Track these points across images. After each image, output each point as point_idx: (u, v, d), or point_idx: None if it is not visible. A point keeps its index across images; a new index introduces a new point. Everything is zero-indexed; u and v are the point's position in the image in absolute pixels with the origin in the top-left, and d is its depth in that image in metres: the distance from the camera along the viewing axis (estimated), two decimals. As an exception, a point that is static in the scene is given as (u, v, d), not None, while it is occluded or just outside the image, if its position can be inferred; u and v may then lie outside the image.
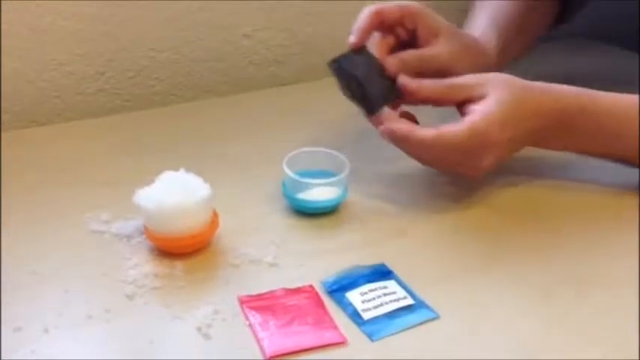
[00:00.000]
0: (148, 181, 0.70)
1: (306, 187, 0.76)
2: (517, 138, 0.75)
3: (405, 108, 0.80)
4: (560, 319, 0.65)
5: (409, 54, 0.80)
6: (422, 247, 0.73)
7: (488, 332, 0.63)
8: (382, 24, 0.80)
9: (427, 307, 0.65)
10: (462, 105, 0.75)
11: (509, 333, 0.63)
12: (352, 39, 0.79)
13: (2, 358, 0.59)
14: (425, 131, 0.73)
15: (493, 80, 0.76)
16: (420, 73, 0.79)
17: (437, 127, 0.73)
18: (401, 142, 0.74)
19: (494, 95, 0.74)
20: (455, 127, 0.72)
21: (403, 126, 0.74)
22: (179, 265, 0.69)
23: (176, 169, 0.72)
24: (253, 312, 0.64)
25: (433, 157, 0.75)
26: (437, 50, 0.80)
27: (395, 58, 0.79)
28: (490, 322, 0.64)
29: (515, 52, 0.92)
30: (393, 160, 0.85)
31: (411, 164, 0.78)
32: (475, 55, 0.84)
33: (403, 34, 0.81)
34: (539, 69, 0.97)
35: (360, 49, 0.79)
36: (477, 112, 0.73)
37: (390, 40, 0.81)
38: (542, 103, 0.75)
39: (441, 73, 0.79)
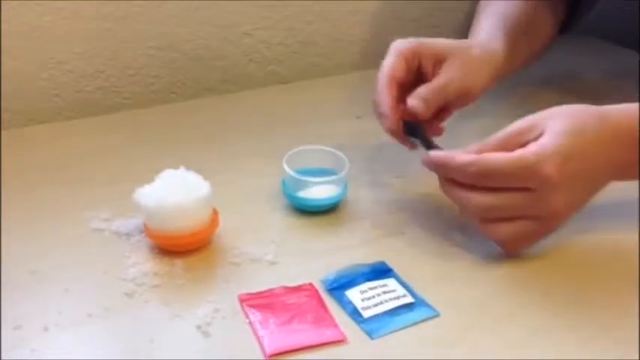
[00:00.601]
0: (148, 179, 0.70)
1: (306, 185, 0.76)
2: (590, 172, 0.65)
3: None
4: (560, 318, 0.65)
5: (426, 91, 0.75)
6: (422, 246, 0.73)
7: (488, 331, 0.63)
8: (400, 87, 0.77)
9: (427, 305, 0.65)
10: None
11: (509, 331, 0.63)
12: (388, 124, 0.75)
13: (2, 356, 0.59)
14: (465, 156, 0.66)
15: (552, 114, 0.67)
16: (443, 105, 0.77)
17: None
18: (440, 168, 0.68)
19: (551, 128, 0.64)
20: (499, 153, 0.65)
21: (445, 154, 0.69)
22: (179, 263, 0.69)
23: (176, 167, 0.72)
24: (253, 310, 0.64)
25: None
26: (448, 75, 0.76)
27: (416, 99, 0.74)
28: (490, 320, 0.64)
29: (524, 55, 0.88)
30: (393, 158, 0.85)
31: (411, 163, 0.78)
32: (487, 63, 0.80)
33: (410, 78, 0.77)
34: (539, 68, 0.97)
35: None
36: (530, 146, 0.64)
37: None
38: (618, 125, 0.66)
39: (462, 96, 0.77)
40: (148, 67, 1.00)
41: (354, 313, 0.64)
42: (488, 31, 0.84)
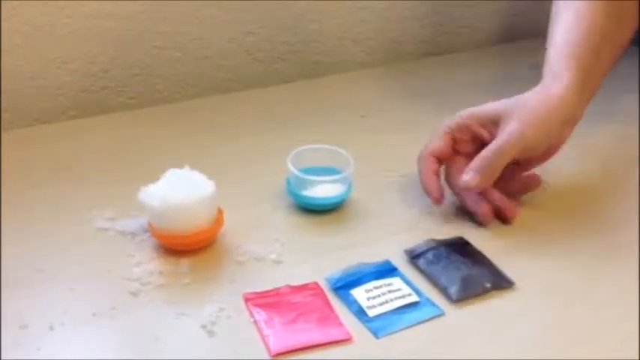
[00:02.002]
0: (153, 178, 0.70)
1: (310, 184, 0.76)
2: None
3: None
4: (562, 318, 0.65)
5: (477, 162, 0.72)
6: (427, 244, 0.73)
7: (493, 329, 0.63)
8: (441, 161, 0.76)
9: (432, 303, 0.65)
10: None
11: (513, 330, 0.63)
12: (433, 200, 0.75)
13: (8, 355, 0.59)
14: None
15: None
16: (512, 165, 0.74)
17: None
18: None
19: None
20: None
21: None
22: (184, 262, 0.69)
23: (181, 166, 0.72)
24: (258, 309, 0.64)
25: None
26: (509, 131, 0.72)
27: (467, 174, 0.72)
28: (495, 319, 0.64)
29: (603, 71, 0.79)
30: (398, 156, 0.85)
31: (415, 162, 0.78)
32: (553, 109, 0.73)
33: (468, 147, 0.76)
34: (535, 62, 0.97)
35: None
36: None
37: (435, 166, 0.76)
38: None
39: (529, 149, 0.73)
40: (153, 66, 1.00)
41: (360, 312, 0.64)
42: (552, 68, 0.76)
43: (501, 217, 0.75)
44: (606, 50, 0.77)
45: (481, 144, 0.75)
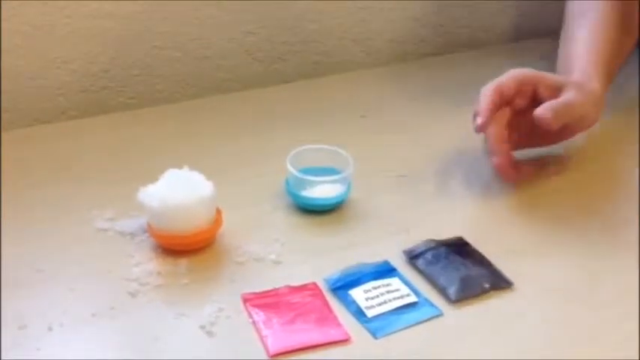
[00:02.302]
0: (152, 178, 0.71)
1: (309, 184, 0.76)
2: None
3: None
4: (561, 318, 0.65)
5: (555, 103, 0.77)
6: (426, 245, 0.73)
7: (492, 330, 0.63)
8: (502, 99, 0.79)
9: (431, 304, 0.65)
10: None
11: (512, 331, 0.63)
12: (479, 120, 0.77)
13: (8, 355, 0.59)
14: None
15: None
16: (562, 126, 0.78)
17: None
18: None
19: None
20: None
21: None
22: (183, 262, 0.69)
23: (180, 166, 0.72)
24: (257, 309, 0.64)
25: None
26: (572, 96, 0.79)
27: (545, 109, 0.76)
28: (493, 319, 0.64)
29: (612, 80, 0.89)
30: (397, 156, 0.85)
31: (414, 162, 0.78)
32: (591, 103, 0.82)
33: (521, 102, 0.80)
34: (536, 62, 0.96)
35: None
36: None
37: (507, 112, 0.80)
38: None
39: (580, 119, 0.80)
40: (153, 66, 1.00)
41: (358, 313, 0.64)
42: (584, 70, 0.84)
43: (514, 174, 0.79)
44: (617, 62, 0.90)
45: (532, 105, 0.78)
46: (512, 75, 0.80)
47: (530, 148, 0.83)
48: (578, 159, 0.86)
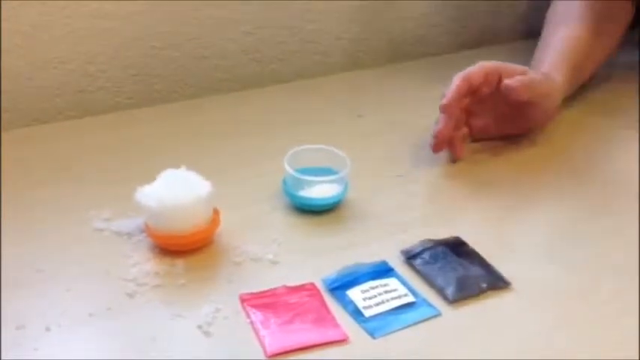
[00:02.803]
0: (149, 179, 0.71)
1: (307, 184, 0.76)
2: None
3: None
4: (559, 318, 0.65)
5: (521, 77, 0.84)
6: (423, 245, 0.73)
7: (489, 330, 0.63)
8: (470, 88, 0.83)
9: (428, 304, 0.65)
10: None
11: (510, 330, 0.63)
12: (444, 101, 0.82)
13: (5, 356, 0.59)
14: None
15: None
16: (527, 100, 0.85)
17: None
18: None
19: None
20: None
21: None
22: (180, 263, 0.69)
23: (177, 166, 0.72)
24: (254, 310, 0.64)
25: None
26: (533, 75, 0.85)
27: (513, 80, 0.83)
28: (491, 319, 0.64)
29: (581, 81, 0.96)
30: (394, 156, 0.85)
31: (412, 162, 0.78)
32: (555, 90, 0.89)
33: (487, 90, 0.85)
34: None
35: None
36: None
37: (466, 101, 0.85)
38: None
39: (543, 97, 0.86)
40: (150, 66, 1.00)
41: (356, 313, 0.64)
42: (549, 66, 0.91)
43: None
44: (588, 64, 0.95)
45: (496, 93, 0.84)
46: (480, 65, 0.85)
47: (498, 136, 0.88)
48: (577, 161, 0.86)
